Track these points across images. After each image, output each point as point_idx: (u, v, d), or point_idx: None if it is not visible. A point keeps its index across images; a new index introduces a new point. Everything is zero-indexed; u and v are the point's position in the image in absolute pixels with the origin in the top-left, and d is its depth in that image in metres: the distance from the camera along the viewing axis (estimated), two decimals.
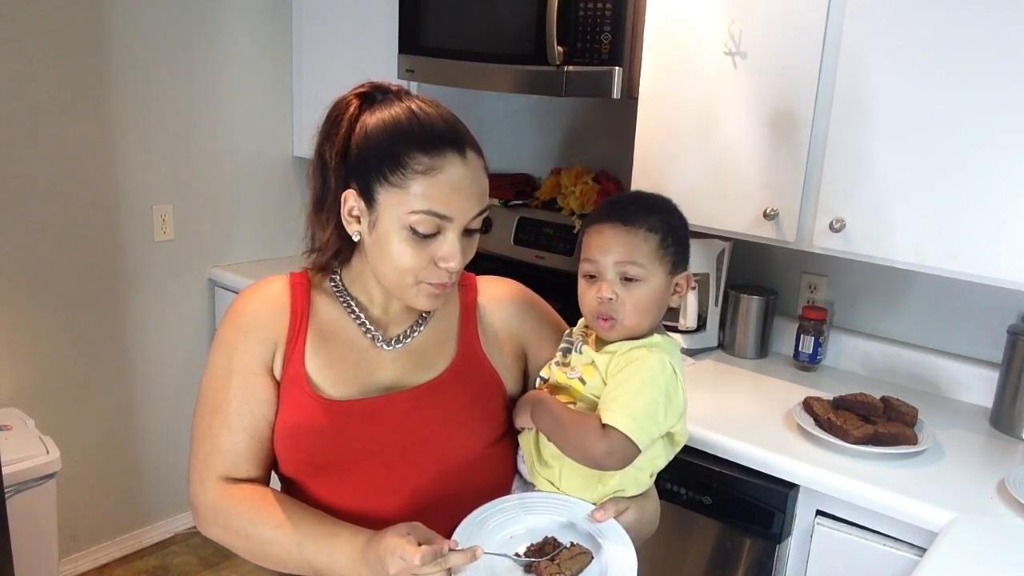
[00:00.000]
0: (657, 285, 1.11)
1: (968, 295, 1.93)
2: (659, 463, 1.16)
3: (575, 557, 1.03)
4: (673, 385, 1.09)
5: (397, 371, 1.15)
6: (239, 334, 1.13)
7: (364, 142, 1.07)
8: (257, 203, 2.89)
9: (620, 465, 1.07)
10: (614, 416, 1.05)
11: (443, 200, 1.04)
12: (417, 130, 1.05)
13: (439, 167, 1.04)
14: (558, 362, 1.18)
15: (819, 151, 1.75)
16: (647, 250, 1.10)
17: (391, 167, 1.04)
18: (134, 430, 2.72)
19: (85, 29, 2.37)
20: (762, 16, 1.77)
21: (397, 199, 1.04)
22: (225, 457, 1.10)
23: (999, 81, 1.52)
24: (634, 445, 1.05)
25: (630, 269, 1.10)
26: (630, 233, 1.10)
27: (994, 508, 1.46)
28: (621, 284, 1.10)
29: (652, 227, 1.11)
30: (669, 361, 1.09)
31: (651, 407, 1.06)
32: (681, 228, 1.15)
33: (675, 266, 1.13)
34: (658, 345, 1.11)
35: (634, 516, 1.13)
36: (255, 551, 1.08)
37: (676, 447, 1.17)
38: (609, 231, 1.11)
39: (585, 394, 1.12)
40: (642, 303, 1.11)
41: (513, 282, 1.29)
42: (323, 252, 1.16)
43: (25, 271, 2.37)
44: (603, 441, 1.05)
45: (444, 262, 1.07)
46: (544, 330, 1.24)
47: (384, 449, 1.09)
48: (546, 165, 2.63)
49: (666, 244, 1.11)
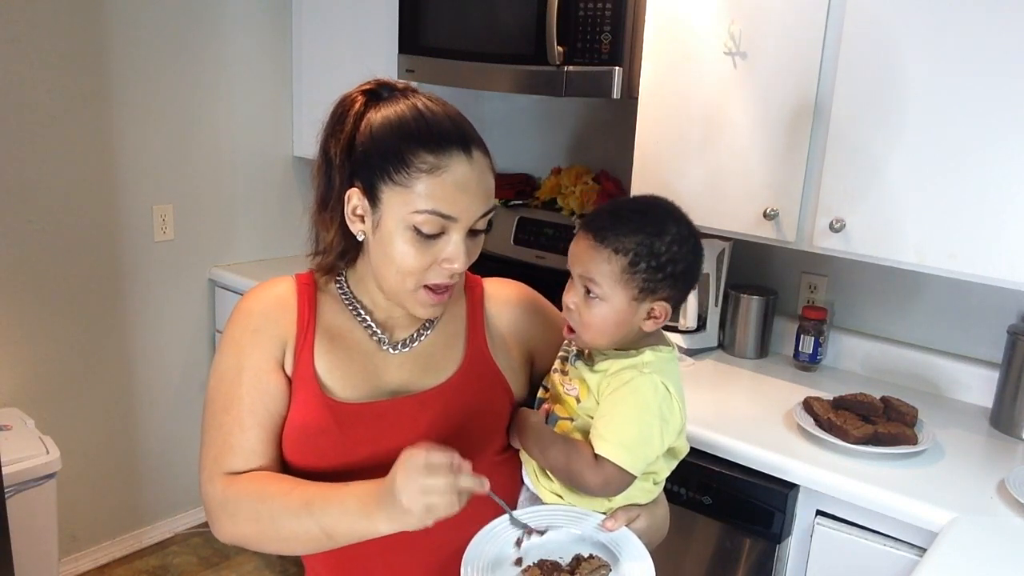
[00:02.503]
0: (617, 306, 1.06)
1: (968, 295, 1.93)
2: (661, 474, 1.14)
3: (595, 570, 1.01)
4: (668, 406, 1.06)
5: (404, 375, 1.14)
6: (248, 332, 1.11)
7: (369, 140, 1.05)
8: (257, 203, 2.89)
9: (616, 493, 1.06)
10: (606, 446, 1.03)
11: (448, 200, 1.02)
12: (423, 129, 1.03)
13: (444, 166, 1.02)
14: (556, 370, 1.16)
15: (819, 151, 1.75)
16: (607, 271, 1.05)
17: (396, 166, 1.02)
18: (134, 430, 2.71)
19: (85, 29, 2.37)
20: (762, 16, 1.77)
21: (401, 198, 1.03)
22: (237, 454, 1.08)
23: (999, 81, 1.52)
24: (628, 474, 1.03)
25: (590, 285, 1.06)
26: (596, 249, 1.06)
27: (994, 508, 1.46)
28: (584, 297, 1.07)
29: (621, 248, 1.04)
30: (662, 382, 1.06)
31: (645, 433, 1.04)
32: (666, 255, 1.05)
33: (644, 292, 1.06)
34: (649, 364, 1.07)
35: (645, 523, 1.11)
36: (266, 532, 1.04)
37: (677, 459, 1.15)
38: (583, 241, 1.08)
39: (580, 413, 1.10)
40: (596, 321, 1.07)
41: (520, 284, 1.27)
42: (328, 253, 1.14)
43: (25, 271, 2.37)
44: (597, 474, 1.03)
45: (448, 263, 1.05)
46: (551, 333, 1.22)
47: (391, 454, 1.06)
48: (546, 165, 2.63)
49: (635, 268, 1.04)
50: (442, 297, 1.08)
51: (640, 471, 1.05)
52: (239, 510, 1.05)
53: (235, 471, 1.08)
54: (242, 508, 1.05)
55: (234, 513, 1.05)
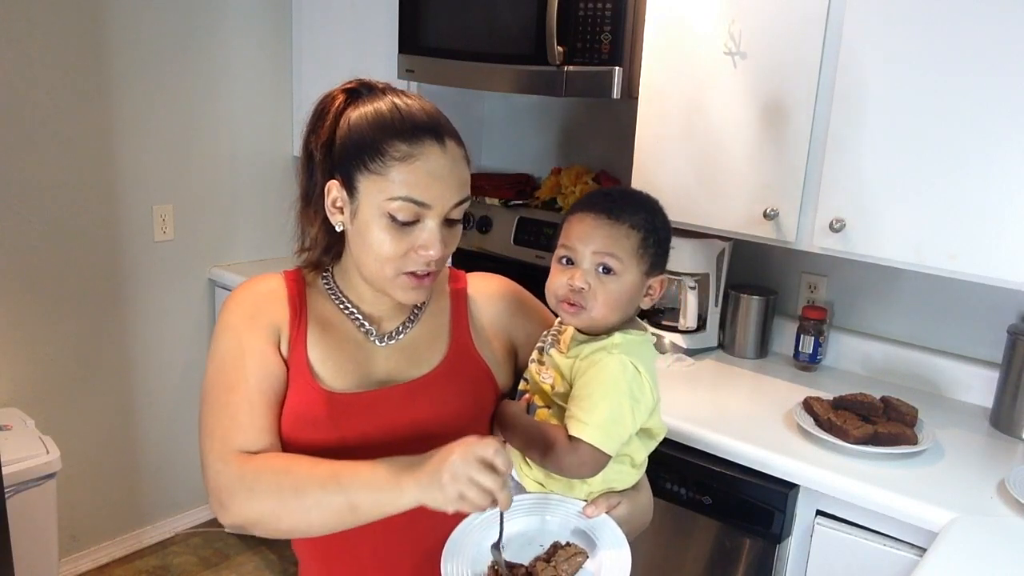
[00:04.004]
0: (631, 282, 1.10)
1: (968, 295, 1.93)
2: (638, 456, 1.15)
3: (571, 558, 1.03)
4: (638, 385, 1.08)
5: (391, 366, 1.16)
6: (245, 318, 1.13)
7: (347, 134, 1.08)
8: (257, 203, 2.89)
9: (593, 473, 1.08)
10: (579, 427, 1.05)
11: (421, 187, 1.05)
12: (397, 120, 1.07)
13: (417, 154, 1.05)
14: (534, 360, 1.18)
15: (819, 151, 1.75)
16: (627, 246, 1.09)
17: (371, 155, 1.06)
18: (134, 430, 2.72)
19: (85, 29, 2.37)
20: (762, 16, 1.77)
21: (376, 186, 1.06)
22: (247, 432, 1.07)
23: (999, 81, 1.52)
24: (603, 453, 1.05)
25: (608, 260, 1.09)
26: (613, 226, 1.09)
27: (994, 508, 1.46)
28: (596, 275, 1.09)
29: (636, 224, 1.10)
30: (630, 361, 1.08)
31: (615, 412, 1.06)
32: (664, 230, 1.13)
33: (652, 267, 1.12)
34: (618, 346, 1.09)
35: (626, 510, 1.13)
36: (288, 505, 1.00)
37: (654, 440, 1.17)
38: (593, 220, 1.10)
39: (555, 399, 1.13)
40: (613, 297, 1.10)
41: (502, 278, 1.30)
42: (313, 249, 1.17)
43: (25, 271, 2.37)
44: (572, 454, 1.05)
45: (423, 250, 1.07)
46: (533, 326, 1.25)
47: (380, 442, 1.10)
48: (546, 165, 2.63)
49: (647, 244, 1.10)
50: (423, 281, 1.10)
51: (614, 451, 1.06)
52: (259, 483, 1.02)
53: (247, 450, 1.06)
54: (262, 480, 1.02)
55: (253, 486, 1.02)
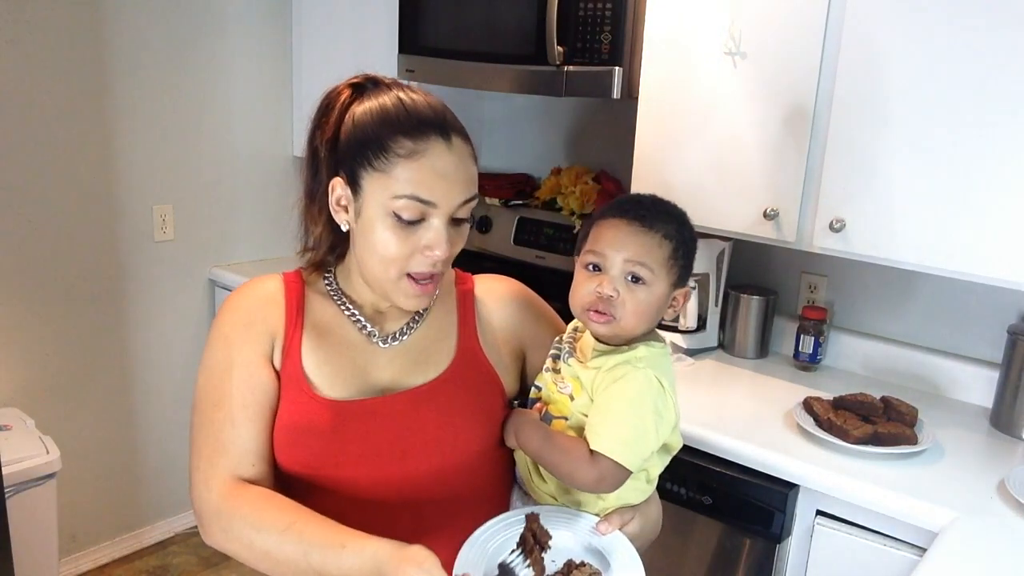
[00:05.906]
0: (660, 292, 1.08)
1: (968, 295, 1.93)
2: (654, 471, 1.14)
3: None
4: (662, 401, 1.06)
5: (394, 371, 1.13)
6: (237, 327, 1.11)
7: (352, 130, 1.05)
8: (257, 203, 2.89)
9: (612, 489, 1.06)
10: (602, 442, 1.02)
11: (427, 185, 1.02)
12: (402, 115, 1.04)
13: (422, 151, 1.02)
14: (548, 368, 1.15)
15: (819, 151, 1.75)
16: (659, 256, 1.07)
17: (375, 152, 1.03)
18: (134, 430, 2.72)
19: (85, 29, 2.37)
20: (762, 16, 1.77)
21: (381, 184, 1.03)
22: (231, 453, 1.06)
23: (1000, 80, 1.52)
24: (624, 469, 1.03)
25: (639, 270, 1.06)
26: (647, 234, 1.07)
27: (994, 508, 1.46)
28: (625, 283, 1.07)
29: (668, 234, 1.08)
30: (656, 376, 1.06)
31: (640, 428, 1.04)
32: (692, 242, 1.12)
33: (679, 279, 1.10)
34: (644, 359, 1.07)
35: (639, 526, 1.10)
36: (259, 562, 1.02)
37: (670, 454, 1.15)
38: (626, 227, 1.08)
39: (574, 411, 1.10)
40: (642, 306, 1.07)
41: (512, 280, 1.26)
42: (317, 248, 1.14)
43: (25, 271, 2.37)
44: (593, 469, 1.03)
45: (429, 250, 1.04)
46: (542, 330, 1.22)
47: (383, 451, 1.08)
48: (546, 165, 2.63)
49: (677, 255, 1.09)
50: (426, 288, 1.08)
51: (636, 467, 1.05)
52: (232, 528, 1.03)
53: (231, 473, 1.06)
54: (235, 528, 1.03)
55: (227, 529, 1.03)
